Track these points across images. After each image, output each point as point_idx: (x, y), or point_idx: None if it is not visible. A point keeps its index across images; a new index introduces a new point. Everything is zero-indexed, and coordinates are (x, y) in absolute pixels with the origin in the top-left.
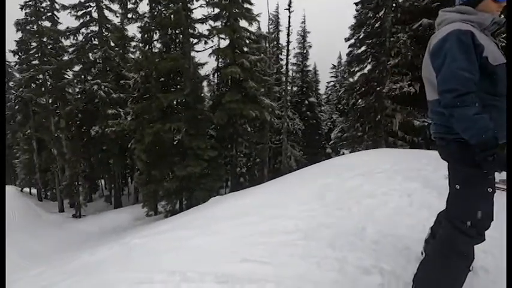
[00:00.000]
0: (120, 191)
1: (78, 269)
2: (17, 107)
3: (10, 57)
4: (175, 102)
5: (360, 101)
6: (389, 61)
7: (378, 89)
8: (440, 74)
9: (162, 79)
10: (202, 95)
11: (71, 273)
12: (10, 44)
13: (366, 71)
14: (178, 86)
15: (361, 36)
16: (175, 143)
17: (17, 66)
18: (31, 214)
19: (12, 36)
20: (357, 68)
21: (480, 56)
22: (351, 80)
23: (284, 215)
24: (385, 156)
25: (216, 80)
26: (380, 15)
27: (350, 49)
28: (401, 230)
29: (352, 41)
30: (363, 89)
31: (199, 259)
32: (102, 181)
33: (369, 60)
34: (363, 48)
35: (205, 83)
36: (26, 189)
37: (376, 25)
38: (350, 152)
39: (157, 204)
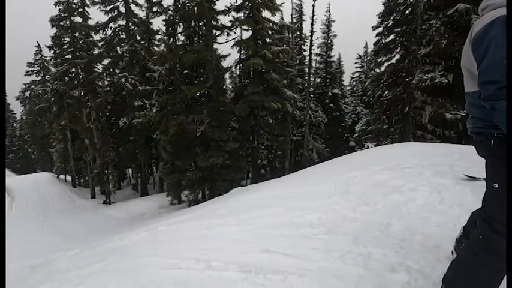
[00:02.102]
0: (146, 180)
1: (110, 252)
2: (52, 99)
3: (46, 52)
4: (198, 94)
5: (386, 92)
6: (420, 50)
7: (407, 79)
8: (483, 63)
9: (186, 71)
10: (224, 87)
11: (103, 255)
12: (46, 39)
13: (394, 60)
14: (201, 78)
15: (389, 24)
16: (198, 134)
17: (52, 60)
18: (66, 199)
19: (48, 32)
20: (384, 58)
21: None
22: (377, 70)
23: (307, 208)
24: (413, 150)
25: (238, 72)
26: (411, 0)
27: (377, 38)
28: (431, 227)
29: (380, 29)
30: (391, 80)
31: (222, 248)
32: (130, 170)
33: (398, 50)
34: (392, 36)
35: (227, 75)
36: (62, 176)
37: (407, 12)
38: (375, 146)
39: (180, 194)
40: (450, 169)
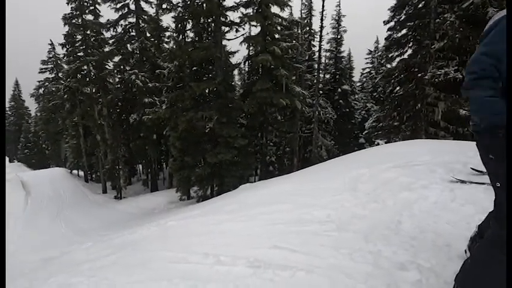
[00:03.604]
0: (156, 175)
1: (121, 245)
2: (65, 96)
3: (59, 50)
4: (207, 91)
5: (398, 88)
6: (434, 45)
7: (419, 75)
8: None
9: (195, 68)
10: (233, 83)
11: (115, 248)
12: (59, 37)
13: (406, 56)
14: (210, 75)
15: (402, 18)
16: (207, 130)
17: (64, 58)
18: (79, 194)
19: (60, 30)
20: (396, 53)
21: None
22: (388, 66)
23: (316, 205)
24: (425, 147)
25: (247, 68)
26: None
27: (389, 33)
28: (442, 226)
29: (392, 23)
30: (402, 75)
31: (231, 243)
32: (140, 166)
33: (410, 45)
34: (404, 31)
35: (236, 72)
36: (75, 172)
37: (420, 5)
38: (385, 143)
39: (189, 189)
40: (463, 167)
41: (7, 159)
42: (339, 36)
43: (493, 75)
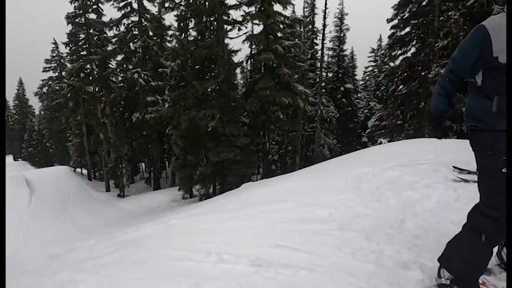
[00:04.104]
0: (158, 174)
1: (125, 243)
2: (69, 94)
3: (62, 49)
4: (209, 90)
5: (401, 87)
6: (437, 43)
7: (423, 73)
8: None
9: (197, 67)
10: (235, 82)
11: (118, 246)
12: (62, 36)
13: (409, 54)
14: (212, 74)
15: (405, 16)
16: (209, 129)
17: (68, 57)
18: (83, 192)
19: (64, 29)
20: (399, 52)
21: (486, 53)
22: (391, 64)
23: (318, 204)
24: (428, 146)
25: (249, 67)
26: None
27: (392, 31)
28: (446, 225)
29: (395, 21)
30: (406, 74)
31: (233, 242)
32: (143, 164)
33: (414, 43)
34: (407, 29)
35: (238, 70)
36: (78, 170)
37: (424, 3)
38: (388, 142)
39: (192, 188)
40: (467, 166)
41: (11, 157)
42: (341, 35)
43: (449, 77)
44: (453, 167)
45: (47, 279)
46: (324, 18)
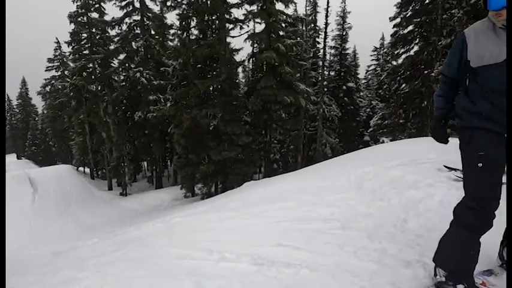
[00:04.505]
0: (160, 172)
1: (127, 242)
2: (71, 93)
3: (65, 48)
4: (211, 89)
5: (403, 85)
6: (440, 41)
7: (426, 72)
8: None
9: (199, 66)
10: (237, 81)
11: (121, 244)
12: (65, 35)
13: (412, 52)
14: (214, 73)
15: (408, 15)
16: (211, 128)
17: (70, 56)
18: (85, 191)
19: (66, 28)
20: (402, 50)
21: (464, 57)
22: (394, 63)
23: (320, 203)
24: (431, 145)
25: (251, 66)
26: None
27: (395, 29)
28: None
29: (398, 20)
30: (408, 72)
31: (235, 240)
32: (145, 163)
33: (416, 41)
34: (410, 27)
35: (240, 69)
36: (81, 169)
37: (427, 1)
38: (390, 141)
39: (194, 187)
40: None
41: (15, 156)
42: (344, 33)
43: (442, 80)
44: (444, 166)
45: (50, 277)
46: (326, 16)
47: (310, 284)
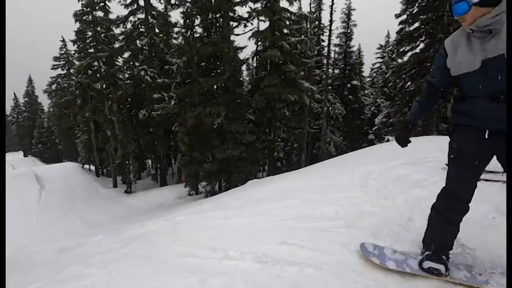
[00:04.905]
0: (165, 170)
1: (131, 239)
2: (77, 91)
3: (70, 47)
4: (215, 87)
5: (409, 83)
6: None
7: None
8: None
9: (203, 64)
10: (241, 79)
11: (126, 241)
12: (70, 34)
13: (418, 50)
14: (218, 71)
15: (414, 11)
16: (215, 126)
17: (76, 54)
18: (91, 188)
19: (72, 27)
20: (407, 47)
21: (445, 65)
22: (399, 60)
23: (324, 201)
24: (436, 144)
25: (255, 64)
26: None
27: (401, 26)
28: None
29: (404, 16)
30: (414, 70)
31: (239, 238)
32: (149, 161)
33: (423, 38)
34: (416, 24)
35: (244, 67)
36: (86, 166)
37: None
38: None
39: (198, 185)
40: None
41: (22, 153)
42: (348, 31)
43: (426, 85)
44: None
45: (55, 273)
46: (331, 14)
47: (314, 283)
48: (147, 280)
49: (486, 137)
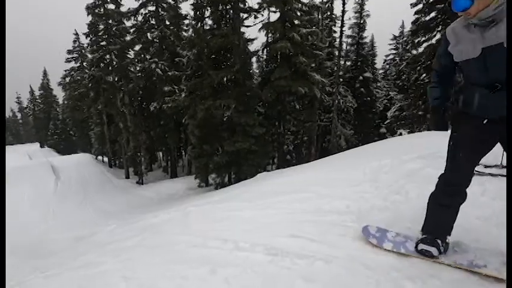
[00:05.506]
0: (175, 162)
1: (144, 229)
2: (90, 84)
3: (83, 40)
4: (225, 79)
5: (424, 75)
6: None
7: None
8: None
9: (213, 56)
10: (251, 71)
11: (138, 231)
12: (83, 27)
13: (434, 41)
14: (228, 63)
15: (430, 0)
16: (225, 119)
17: (88, 47)
18: (104, 179)
19: (84, 19)
20: (423, 38)
21: (448, 52)
22: (414, 52)
23: (334, 195)
24: None
25: (265, 56)
26: None
27: (416, 16)
28: (471, 221)
29: (420, 6)
30: (429, 62)
31: (249, 230)
32: (160, 153)
33: (439, 29)
34: (433, 14)
35: (254, 59)
36: (99, 157)
37: None
38: (408, 133)
39: (208, 177)
40: (495, 159)
41: (38, 144)
42: (361, 21)
43: (436, 68)
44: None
45: (72, 260)
46: (343, 4)
47: (324, 276)
48: (159, 269)
49: (484, 123)
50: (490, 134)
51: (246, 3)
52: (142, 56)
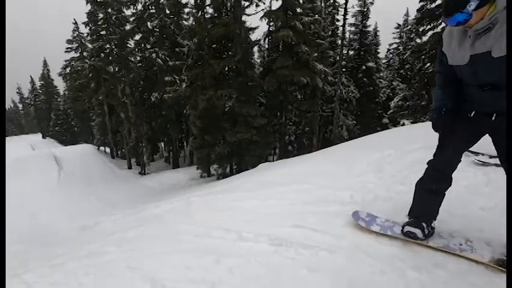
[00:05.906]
0: (177, 153)
1: (147, 219)
2: (90, 75)
3: (82, 29)
4: (226, 69)
5: (428, 65)
6: None
7: None
8: None
9: (214, 45)
10: (252, 61)
11: (141, 221)
12: (82, 16)
13: (439, 29)
14: (229, 53)
15: None
16: (226, 109)
17: (88, 37)
18: (106, 170)
19: (83, 8)
20: (428, 27)
21: (443, 53)
22: (418, 41)
23: (338, 185)
24: None
25: (266, 45)
26: None
27: (422, 3)
28: (474, 211)
29: None
30: (434, 51)
31: (252, 220)
32: (162, 143)
33: None
34: (438, 1)
35: (255, 49)
36: (102, 148)
37: None
38: (412, 123)
39: (210, 167)
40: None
41: (40, 135)
42: (365, 9)
43: (439, 70)
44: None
45: (77, 250)
46: None
47: (329, 266)
48: (163, 259)
49: (471, 116)
50: (478, 126)
51: None
52: (142, 45)
